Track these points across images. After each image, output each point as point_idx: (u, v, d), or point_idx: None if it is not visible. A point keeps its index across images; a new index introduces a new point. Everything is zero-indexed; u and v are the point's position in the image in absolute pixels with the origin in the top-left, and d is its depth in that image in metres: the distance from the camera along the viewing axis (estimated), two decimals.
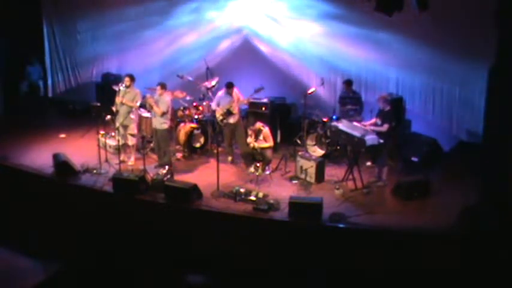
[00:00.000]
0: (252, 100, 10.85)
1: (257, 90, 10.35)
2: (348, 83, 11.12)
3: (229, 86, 10.41)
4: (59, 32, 14.05)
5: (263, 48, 12.36)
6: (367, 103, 11.09)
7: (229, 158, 10.64)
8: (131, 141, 10.42)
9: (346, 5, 11.27)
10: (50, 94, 14.45)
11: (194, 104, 11.28)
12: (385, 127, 9.36)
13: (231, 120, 10.40)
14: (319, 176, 9.72)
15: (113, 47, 13.58)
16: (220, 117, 10.39)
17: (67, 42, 14.06)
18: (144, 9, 13.02)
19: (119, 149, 10.23)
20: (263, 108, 11.07)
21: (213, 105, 10.62)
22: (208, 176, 9.74)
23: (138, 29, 13.11)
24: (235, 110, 10.39)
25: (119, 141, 10.21)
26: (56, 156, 10.07)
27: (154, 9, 12.92)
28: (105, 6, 13.34)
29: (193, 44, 12.70)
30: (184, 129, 10.85)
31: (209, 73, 10.86)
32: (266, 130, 10.05)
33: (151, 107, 10.06)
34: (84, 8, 13.50)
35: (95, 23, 13.54)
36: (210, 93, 10.92)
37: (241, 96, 10.54)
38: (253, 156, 9.99)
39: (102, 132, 10.66)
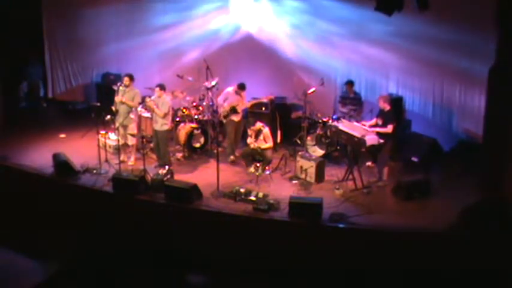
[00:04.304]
0: (254, 102, 10.89)
1: None
2: (350, 84, 11.14)
3: (242, 88, 10.50)
4: (59, 32, 14.04)
5: (263, 48, 12.34)
6: (367, 103, 11.08)
7: (231, 158, 10.60)
8: (131, 141, 10.42)
9: (347, 5, 11.26)
10: (50, 94, 14.43)
11: (194, 104, 11.28)
12: (390, 128, 9.37)
13: (235, 118, 10.45)
14: (319, 176, 9.72)
15: (112, 47, 13.56)
16: (225, 113, 10.43)
17: (67, 43, 14.05)
18: (143, 9, 13.03)
19: (119, 149, 10.23)
20: (263, 108, 11.08)
21: (220, 100, 10.66)
22: (208, 176, 9.74)
23: (138, 29, 13.10)
24: (240, 110, 10.48)
25: (118, 141, 10.21)
26: (56, 156, 10.06)
27: (153, 8, 12.94)
28: (105, 6, 13.33)
29: (193, 44, 12.70)
30: (184, 129, 10.84)
31: (209, 73, 10.85)
32: (266, 130, 10.05)
33: (153, 110, 10.06)
34: (84, 9, 13.48)
35: (94, 24, 13.53)
36: (210, 93, 10.93)
37: (245, 100, 10.67)
38: (253, 156, 9.99)
39: (102, 132, 10.66)
